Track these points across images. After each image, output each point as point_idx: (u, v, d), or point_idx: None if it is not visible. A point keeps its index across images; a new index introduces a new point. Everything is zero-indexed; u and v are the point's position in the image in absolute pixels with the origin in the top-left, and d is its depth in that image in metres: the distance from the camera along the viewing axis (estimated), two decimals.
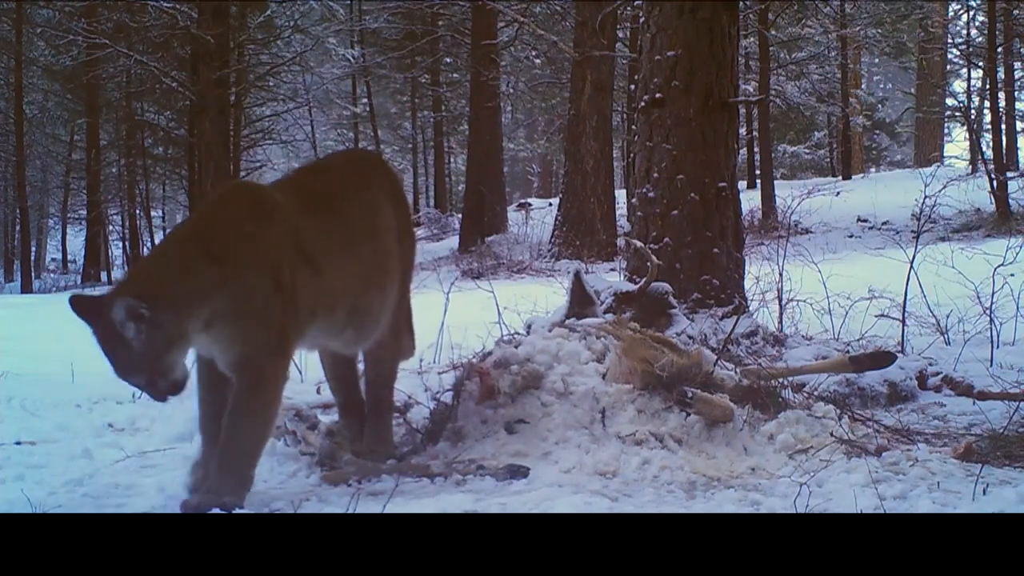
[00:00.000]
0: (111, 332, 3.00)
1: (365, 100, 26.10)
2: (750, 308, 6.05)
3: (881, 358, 4.71)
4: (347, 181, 3.79)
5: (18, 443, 4.25)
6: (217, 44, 16.59)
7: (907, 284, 6.07)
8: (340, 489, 3.50)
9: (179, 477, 3.45)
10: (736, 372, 4.28)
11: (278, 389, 3.36)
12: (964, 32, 26.22)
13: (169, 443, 4.21)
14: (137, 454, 4.03)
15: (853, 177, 23.04)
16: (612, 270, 11.56)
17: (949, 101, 26.72)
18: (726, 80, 5.89)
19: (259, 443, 3.34)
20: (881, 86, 41.96)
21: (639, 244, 5.70)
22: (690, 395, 3.87)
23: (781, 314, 6.22)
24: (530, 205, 21.91)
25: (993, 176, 15.20)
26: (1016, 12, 18.40)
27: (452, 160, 29.28)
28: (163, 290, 3.04)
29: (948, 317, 6.07)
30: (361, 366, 4.09)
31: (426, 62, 23.47)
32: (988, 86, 19.39)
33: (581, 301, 4.81)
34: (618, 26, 16.80)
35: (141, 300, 2.99)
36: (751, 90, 19.30)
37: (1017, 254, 5.99)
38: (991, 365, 5.21)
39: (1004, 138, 19.20)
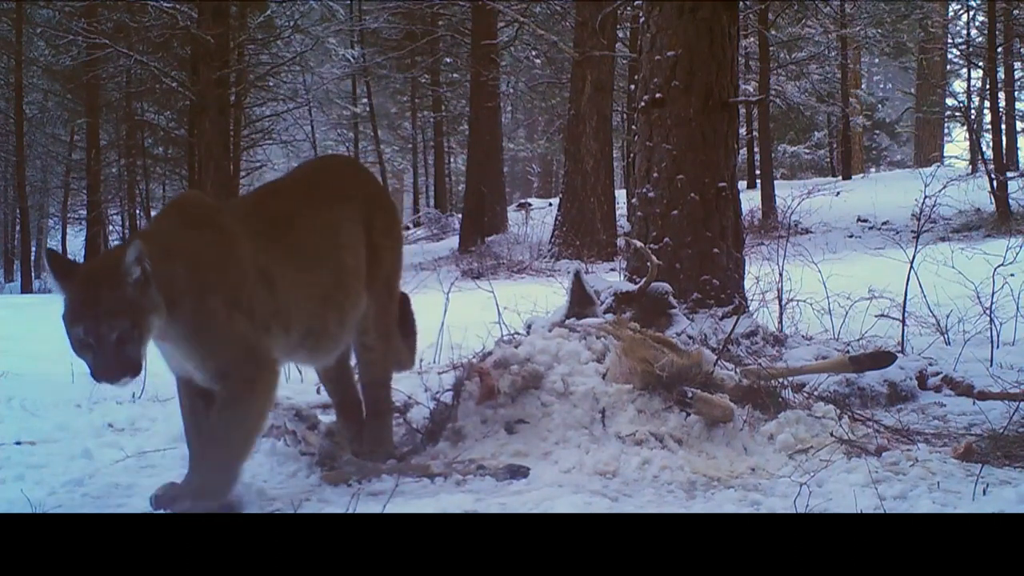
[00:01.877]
0: (109, 273, 2.94)
1: (365, 100, 26.11)
2: (750, 308, 6.05)
3: (881, 358, 4.71)
4: (310, 198, 3.70)
5: (18, 443, 4.25)
6: (217, 44, 16.58)
7: (907, 284, 6.07)
8: (340, 489, 3.49)
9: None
10: (736, 372, 4.28)
11: (260, 400, 3.28)
12: (964, 32, 26.25)
13: (169, 443, 4.20)
14: (137, 454, 4.03)
15: (853, 177, 23.06)
16: (612, 270, 11.56)
17: (949, 101, 26.75)
18: (726, 80, 5.89)
19: (241, 451, 3.25)
20: (881, 86, 41.97)
21: (639, 244, 5.70)
22: (690, 395, 3.87)
23: (781, 314, 6.22)
24: (530, 205, 21.93)
25: (993, 176, 15.21)
26: (1016, 12, 18.41)
27: (452, 160, 29.30)
28: (153, 264, 3.02)
29: (948, 317, 6.07)
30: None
31: (426, 62, 23.49)
32: (988, 86, 19.40)
33: (581, 301, 4.81)
34: (618, 26, 16.81)
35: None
36: (751, 90, 19.31)
37: (1017, 254, 5.99)
38: (991, 365, 5.21)
39: (1004, 138, 19.21)
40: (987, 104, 20.45)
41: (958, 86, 28.17)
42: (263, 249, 3.41)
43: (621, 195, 16.46)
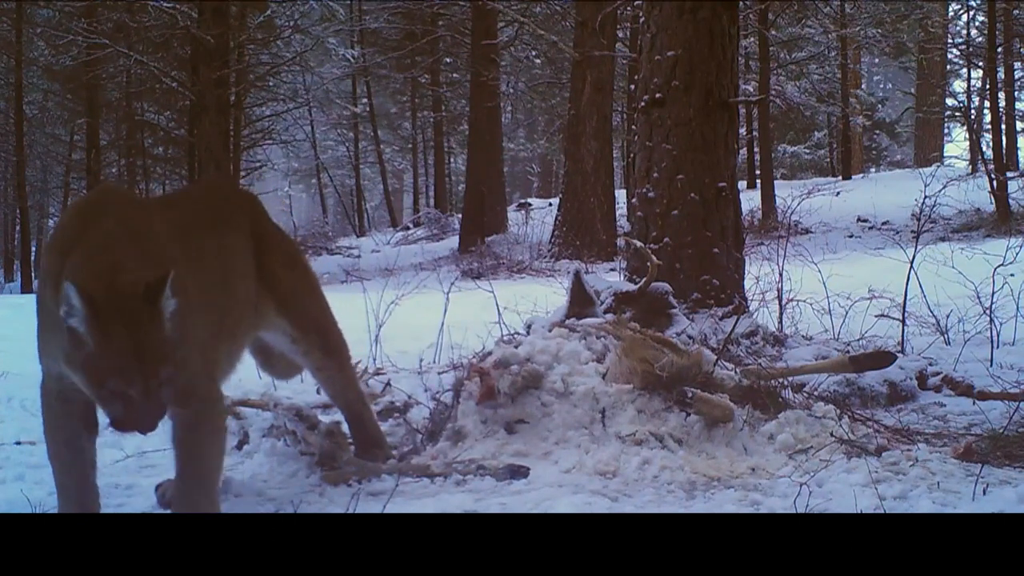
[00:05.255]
0: (150, 310, 2.54)
1: (365, 100, 26.15)
2: (750, 308, 6.05)
3: (881, 358, 4.70)
4: (204, 217, 3.34)
5: (18, 443, 4.25)
6: (217, 44, 16.58)
7: (907, 284, 6.07)
8: (340, 489, 3.50)
9: None
10: (736, 372, 4.28)
11: (224, 415, 3.13)
12: (964, 32, 26.28)
13: (168, 443, 4.20)
14: (137, 454, 4.03)
15: (853, 177, 23.05)
16: (612, 270, 11.55)
17: (949, 101, 26.79)
18: (726, 80, 5.89)
19: (218, 474, 3.06)
20: (881, 86, 41.97)
21: (639, 244, 5.70)
22: (690, 395, 3.87)
23: (781, 314, 6.22)
24: (530, 205, 21.90)
25: (993, 176, 15.21)
26: (1016, 12, 18.42)
27: (452, 160, 29.30)
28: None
29: (948, 317, 6.07)
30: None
31: (426, 62, 23.51)
32: (988, 86, 19.40)
33: (581, 301, 4.80)
34: (618, 26, 16.80)
35: None
36: (751, 90, 19.30)
37: (1017, 254, 5.98)
38: (991, 365, 5.21)
39: (1004, 138, 19.21)
40: (987, 104, 20.45)
41: (958, 86, 28.24)
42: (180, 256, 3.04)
43: (621, 195, 16.45)
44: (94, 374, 2.52)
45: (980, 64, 20.98)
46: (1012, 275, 5.89)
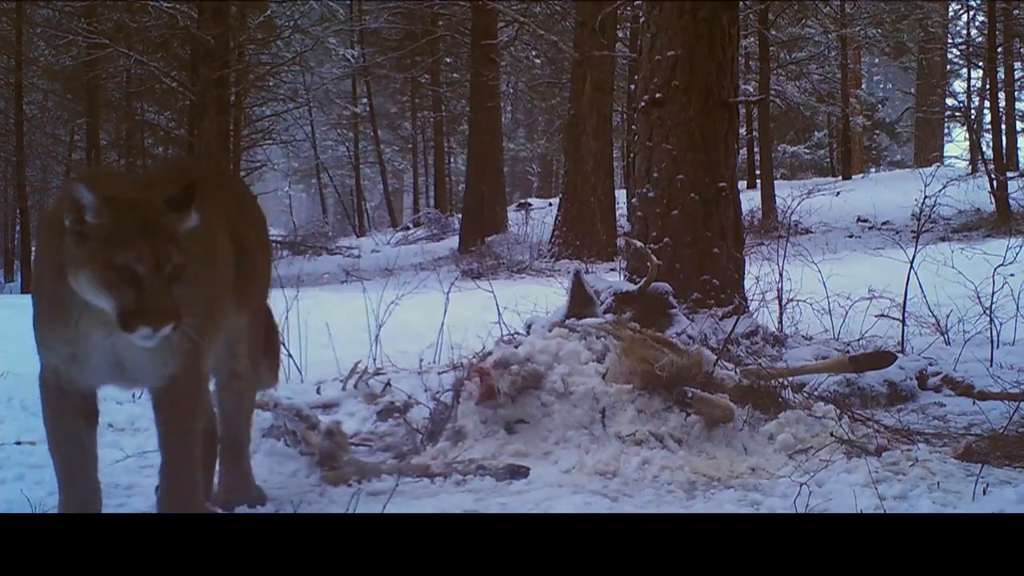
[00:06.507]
0: (170, 208, 2.62)
1: (365, 100, 26.15)
2: (750, 308, 6.05)
3: (881, 358, 4.71)
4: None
5: (18, 443, 4.25)
6: (217, 44, 16.57)
7: (907, 284, 6.07)
8: (340, 489, 3.50)
9: None
10: (736, 372, 4.28)
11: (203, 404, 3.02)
12: (964, 32, 26.31)
13: None
14: (137, 454, 4.03)
15: (853, 177, 23.05)
16: (612, 270, 11.55)
17: (949, 101, 26.81)
18: (726, 80, 5.89)
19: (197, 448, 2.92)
20: (881, 86, 41.97)
21: (639, 244, 5.70)
22: (690, 395, 3.87)
23: (781, 314, 6.22)
24: (530, 205, 21.90)
25: (993, 176, 15.22)
26: (1016, 12, 18.43)
27: (452, 160, 29.31)
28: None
29: (948, 317, 6.08)
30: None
31: (426, 62, 23.53)
32: (988, 86, 19.41)
33: (581, 301, 4.81)
34: (618, 26, 16.80)
35: None
36: (751, 90, 19.30)
37: (1017, 254, 5.99)
38: (991, 365, 5.21)
39: (1004, 138, 19.24)
40: (987, 104, 20.46)
41: (958, 86, 28.27)
42: None
43: (621, 195, 16.45)
44: (101, 256, 2.45)
45: (980, 64, 21.02)
46: (1012, 275, 5.90)
